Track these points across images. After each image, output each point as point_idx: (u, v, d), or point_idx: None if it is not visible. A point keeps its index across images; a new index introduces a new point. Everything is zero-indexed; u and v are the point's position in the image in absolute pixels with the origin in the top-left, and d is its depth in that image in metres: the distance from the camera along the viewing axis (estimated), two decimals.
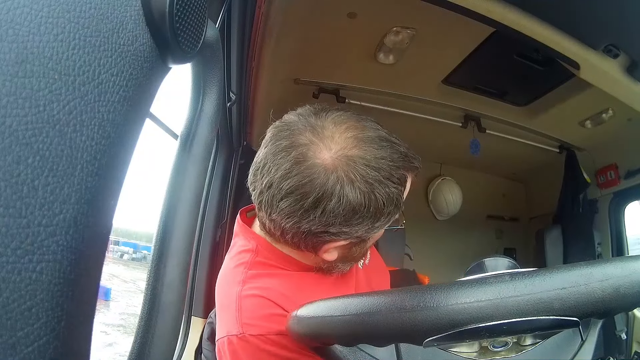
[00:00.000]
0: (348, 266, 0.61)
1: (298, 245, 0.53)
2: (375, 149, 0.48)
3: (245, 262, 0.58)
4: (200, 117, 0.37)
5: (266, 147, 0.50)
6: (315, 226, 0.48)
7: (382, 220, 0.51)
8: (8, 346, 0.16)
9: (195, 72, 0.38)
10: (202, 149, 0.36)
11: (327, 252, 0.54)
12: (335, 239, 0.51)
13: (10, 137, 0.17)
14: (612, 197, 1.63)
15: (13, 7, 0.17)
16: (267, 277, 0.57)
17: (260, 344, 0.52)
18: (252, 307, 0.54)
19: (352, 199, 0.46)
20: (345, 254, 0.57)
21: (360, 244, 0.56)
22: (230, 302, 0.55)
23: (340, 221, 0.48)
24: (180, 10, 0.26)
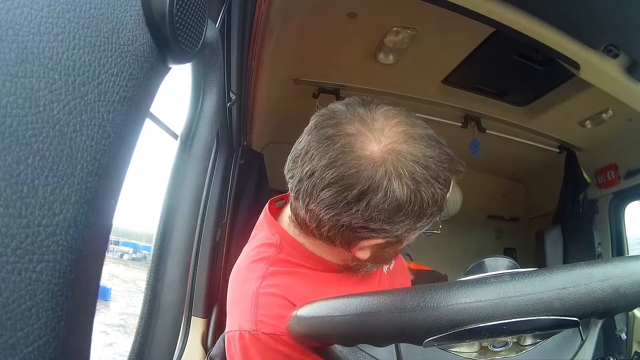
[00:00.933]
0: (376, 267, 0.59)
1: (333, 239, 0.51)
2: (424, 147, 0.46)
3: (267, 257, 0.56)
4: (200, 117, 0.37)
5: (309, 135, 0.48)
6: (356, 220, 0.46)
7: (424, 221, 0.49)
8: (8, 346, 0.16)
9: (195, 72, 0.38)
10: (202, 149, 0.36)
11: (362, 249, 0.52)
12: (375, 236, 0.48)
13: (10, 137, 0.17)
14: (612, 197, 1.63)
15: (13, 7, 0.17)
16: (289, 276, 0.55)
17: (272, 343, 0.51)
18: (269, 306, 0.52)
19: (398, 194, 0.44)
20: (377, 254, 0.54)
21: (396, 245, 0.54)
22: (246, 297, 0.54)
23: (383, 217, 0.46)
24: (180, 10, 0.26)
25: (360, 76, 1.31)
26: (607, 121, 1.41)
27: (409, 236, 0.52)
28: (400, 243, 0.54)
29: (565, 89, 1.27)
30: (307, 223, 0.52)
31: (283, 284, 0.54)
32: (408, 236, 0.52)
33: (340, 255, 0.56)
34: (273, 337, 0.51)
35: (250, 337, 0.52)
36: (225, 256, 1.25)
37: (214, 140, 0.47)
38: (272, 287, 0.54)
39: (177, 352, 1.02)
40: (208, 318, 1.14)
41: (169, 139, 0.78)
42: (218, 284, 1.22)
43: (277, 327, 0.51)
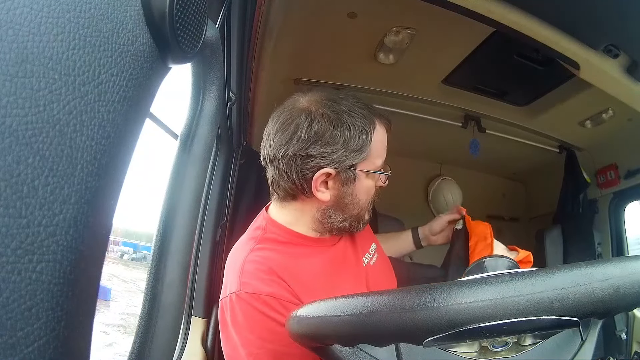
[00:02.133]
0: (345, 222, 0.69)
1: (293, 178, 0.64)
2: (334, 95, 0.66)
3: (255, 237, 0.69)
4: (200, 117, 0.37)
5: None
6: (299, 148, 0.62)
7: (353, 145, 0.63)
8: (8, 346, 0.16)
9: (195, 72, 0.38)
10: (202, 149, 0.36)
11: (319, 189, 0.64)
12: (320, 163, 0.62)
13: (10, 137, 0.17)
14: (612, 197, 1.63)
15: (13, 7, 0.17)
16: (273, 251, 0.66)
17: (253, 302, 0.59)
18: (252, 270, 0.62)
19: (321, 122, 0.62)
20: (338, 197, 0.66)
21: (349, 184, 0.66)
22: (236, 267, 0.64)
23: (315, 140, 0.61)
24: (180, 10, 0.26)
25: (360, 76, 1.31)
26: (607, 121, 1.40)
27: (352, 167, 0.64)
28: (351, 182, 0.65)
29: (565, 89, 1.27)
30: (277, 182, 0.67)
31: (267, 255, 0.64)
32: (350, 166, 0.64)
33: (310, 212, 0.69)
34: (253, 296, 0.59)
35: (236, 297, 0.60)
36: (225, 256, 1.24)
37: (214, 140, 0.47)
38: (257, 257, 0.64)
39: (177, 352, 1.02)
40: (208, 318, 1.14)
41: (169, 139, 0.78)
42: (218, 284, 1.21)
43: (256, 287, 0.60)
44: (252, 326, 0.60)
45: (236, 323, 0.61)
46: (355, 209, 0.69)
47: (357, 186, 0.66)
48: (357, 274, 0.74)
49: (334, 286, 0.68)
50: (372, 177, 0.68)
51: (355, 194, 0.67)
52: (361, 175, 0.66)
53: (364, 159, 0.65)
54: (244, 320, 0.60)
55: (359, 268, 0.75)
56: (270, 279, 0.61)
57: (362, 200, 0.69)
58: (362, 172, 0.66)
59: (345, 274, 0.72)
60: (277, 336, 0.59)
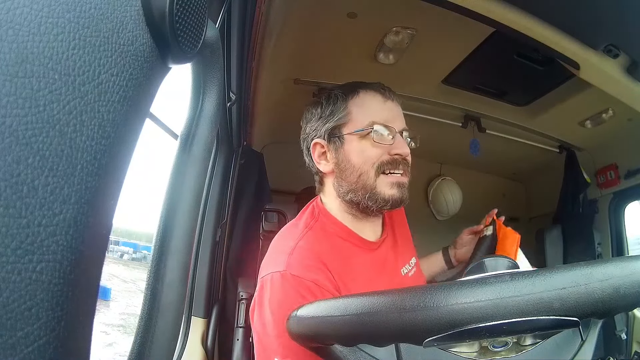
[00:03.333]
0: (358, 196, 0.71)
1: (307, 163, 0.78)
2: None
3: (308, 223, 0.73)
4: (200, 117, 0.37)
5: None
6: (302, 133, 0.78)
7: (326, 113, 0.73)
8: (8, 346, 0.16)
9: (195, 72, 0.38)
10: (202, 149, 0.36)
11: (320, 161, 0.74)
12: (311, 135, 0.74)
13: (10, 137, 0.17)
14: (612, 197, 1.63)
15: (13, 7, 0.17)
16: (322, 241, 0.70)
17: (296, 284, 0.62)
18: (301, 253, 0.66)
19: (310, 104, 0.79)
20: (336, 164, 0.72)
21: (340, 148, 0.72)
22: (286, 247, 0.67)
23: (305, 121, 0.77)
24: (180, 10, 0.26)
25: (360, 76, 1.30)
26: (607, 121, 1.40)
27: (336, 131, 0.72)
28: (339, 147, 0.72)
29: (565, 89, 1.27)
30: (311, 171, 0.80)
31: (317, 243, 0.69)
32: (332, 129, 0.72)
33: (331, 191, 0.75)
34: (297, 279, 0.62)
35: (280, 276, 0.63)
36: (225, 256, 1.25)
37: (214, 140, 0.47)
38: (308, 243, 0.68)
39: (177, 352, 1.02)
40: (208, 318, 1.14)
41: (169, 139, 0.78)
42: (218, 284, 1.21)
43: (302, 271, 0.63)
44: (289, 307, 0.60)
45: (274, 301, 0.63)
46: (354, 175, 0.71)
47: (347, 149, 0.71)
48: (394, 281, 0.75)
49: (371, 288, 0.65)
50: (366, 139, 0.71)
51: (349, 158, 0.71)
52: (348, 138, 0.71)
53: (342, 121, 0.71)
54: (282, 299, 0.62)
55: (397, 276, 0.77)
56: (316, 266, 0.65)
57: (356, 163, 0.71)
58: (348, 135, 0.71)
59: (384, 278, 0.74)
60: None
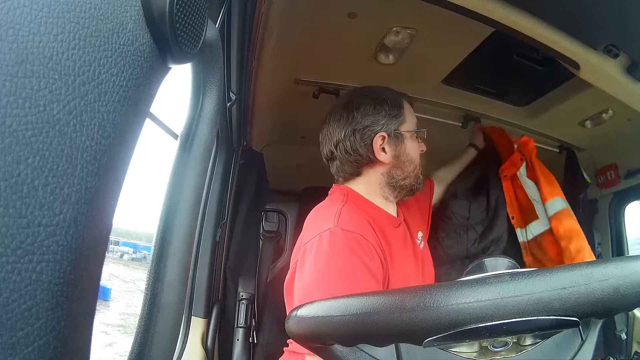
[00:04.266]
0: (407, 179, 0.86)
1: (358, 151, 0.84)
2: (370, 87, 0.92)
3: (340, 200, 0.82)
4: (200, 117, 0.37)
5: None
6: (356, 124, 0.83)
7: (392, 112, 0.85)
8: (8, 346, 0.16)
9: (195, 72, 0.38)
10: (202, 149, 0.36)
11: (378, 152, 0.83)
12: (374, 128, 0.83)
13: (10, 137, 0.17)
14: (612, 197, 1.63)
15: (13, 7, 0.17)
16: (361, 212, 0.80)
17: (345, 237, 0.70)
18: (349, 214, 0.76)
19: (366, 102, 0.85)
20: (395, 156, 0.84)
21: (400, 144, 0.85)
22: (331, 212, 0.77)
23: (365, 114, 0.83)
24: (180, 10, 0.26)
25: (360, 76, 1.31)
26: (607, 121, 1.40)
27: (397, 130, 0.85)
28: (400, 142, 0.85)
29: (565, 89, 1.27)
30: (344, 162, 0.86)
31: (358, 212, 0.79)
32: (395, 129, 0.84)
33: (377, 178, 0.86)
34: (347, 233, 0.71)
35: (329, 232, 0.71)
36: (225, 256, 1.25)
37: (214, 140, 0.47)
38: (350, 210, 0.77)
39: (177, 352, 1.02)
40: (208, 318, 1.14)
41: (169, 139, 0.78)
42: (218, 284, 1.21)
43: (352, 226, 0.72)
44: (336, 261, 0.69)
45: (320, 254, 0.69)
46: (411, 166, 0.86)
47: (407, 145, 0.85)
48: (416, 254, 0.89)
49: (403, 259, 0.82)
50: (413, 139, 0.87)
51: (408, 152, 0.85)
52: (406, 135, 0.86)
53: (402, 122, 0.85)
54: (329, 253, 0.69)
55: (417, 249, 0.90)
56: (364, 225, 0.75)
57: (413, 157, 0.87)
58: (406, 133, 0.85)
59: (409, 252, 0.87)
60: (355, 275, 0.68)
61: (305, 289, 0.69)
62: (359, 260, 0.68)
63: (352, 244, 0.69)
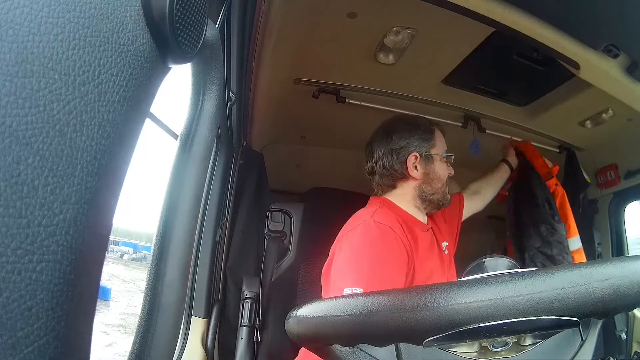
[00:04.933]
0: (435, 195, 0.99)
1: (394, 167, 0.98)
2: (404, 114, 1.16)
3: (374, 208, 0.95)
4: (200, 117, 0.37)
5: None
6: (393, 145, 0.98)
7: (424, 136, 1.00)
8: (8, 346, 0.16)
9: (195, 72, 0.38)
10: (202, 149, 0.36)
11: (411, 168, 0.97)
12: (408, 149, 0.98)
13: (10, 137, 0.17)
14: (612, 197, 1.63)
15: (13, 7, 0.17)
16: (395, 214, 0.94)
17: (376, 227, 0.85)
18: (383, 213, 0.91)
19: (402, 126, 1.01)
20: (425, 174, 0.98)
21: (430, 164, 0.99)
22: (367, 213, 0.92)
23: (401, 136, 0.99)
24: (180, 10, 0.26)
25: (360, 76, 1.31)
26: (607, 121, 1.40)
27: (428, 150, 0.99)
28: (430, 162, 0.99)
29: (565, 89, 1.27)
30: (381, 179, 1.01)
31: (391, 214, 0.93)
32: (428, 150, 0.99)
33: (410, 190, 1.00)
34: (379, 225, 0.85)
35: (363, 224, 0.87)
36: (225, 256, 1.25)
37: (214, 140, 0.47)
38: (384, 212, 0.93)
39: (177, 352, 1.02)
40: (208, 318, 1.14)
41: (169, 139, 0.78)
42: (218, 284, 1.21)
43: (385, 220, 0.87)
44: (368, 245, 0.82)
45: (354, 241, 0.84)
46: (439, 183, 0.99)
47: (436, 166, 0.99)
48: (442, 258, 1.01)
49: (429, 257, 0.94)
50: (442, 162, 1.00)
51: (436, 171, 0.99)
52: (435, 157, 0.99)
53: (433, 145, 0.99)
54: (362, 238, 0.83)
55: (443, 255, 1.02)
56: (395, 222, 0.88)
57: (441, 176, 1.00)
58: (435, 155, 0.99)
59: (435, 253, 0.99)
60: (381, 260, 0.80)
61: (339, 269, 0.83)
62: (387, 247, 0.82)
63: (383, 233, 0.83)
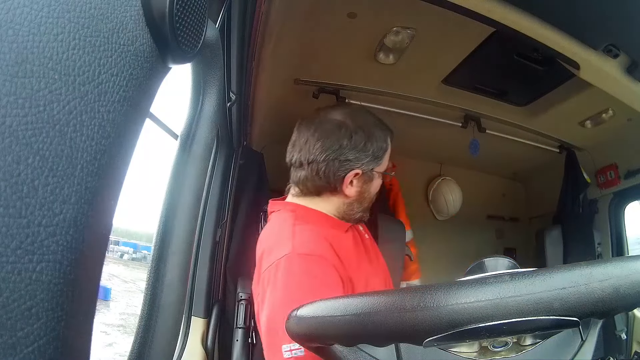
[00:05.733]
0: (360, 213, 0.86)
1: (329, 177, 0.79)
2: (366, 113, 0.84)
3: (289, 217, 0.80)
4: (200, 117, 0.37)
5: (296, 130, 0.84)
6: (339, 154, 0.78)
7: (378, 153, 0.81)
8: (8, 346, 0.16)
9: (195, 72, 0.38)
10: (202, 149, 0.36)
11: (347, 185, 0.80)
12: (352, 166, 0.79)
13: (10, 137, 0.17)
14: (612, 197, 1.63)
15: (13, 7, 0.17)
16: (314, 225, 0.78)
17: (304, 262, 0.69)
18: (303, 235, 0.74)
19: (359, 134, 0.78)
20: (360, 192, 0.82)
21: (368, 182, 0.83)
22: (284, 234, 0.75)
23: (353, 147, 0.78)
24: (180, 10, 0.26)
25: (360, 76, 1.31)
26: (607, 121, 1.40)
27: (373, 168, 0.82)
28: (369, 180, 0.83)
29: (565, 89, 1.27)
30: (309, 179, 0.81)
31: (312, 227, 0.77)
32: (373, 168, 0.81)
33: (335, 204, 0.84)
34: (305, 257, 0.69)
35: (286, 258, 0.69)
36: (225, 256, 1.25)
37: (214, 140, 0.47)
38: (304, 227, 0.76)
39: (177, 352, 1.02)
40: (208, 318, 1.14)
41: (169, 139, 0.77)
42: (218, 284, 1.21)
43: (309, 249, 0.71)
44: (299, 285, 0.68)
45: (284, 283, 0.68)
46: (368, 202, 0.87)
47: (373, 184, 0.85)
48: (368, 250, 0.90)
49: (359, 262, 0.82)
50: (380, 178, 0.86)
51: (371, 190, 0.85)
52: (376, 175, 0.84)
53: (380, 164, 0.83)
54: (291, 279, 0.68)
55: (366, 242, 0.92)
56: (322, 243, 0.74)
57: (372, 194, 0.87)
58: (377, 173, 0.84)
59: (362, 252, 0.88)
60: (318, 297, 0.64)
61: (269, 319, 0.67)
62: (318, 283, 0.67)
63: (313, 267, 0.68)
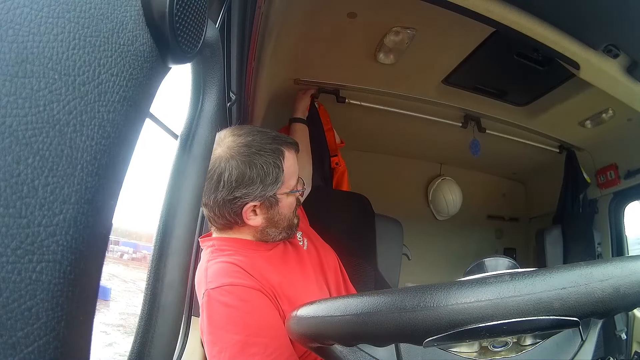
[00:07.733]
0: (282, 234, 0.80)
1: (228, 217, 0.74)
2: (246, 136, 0.73)
3: (207, 253, 0.77)
4: (200, 117, 0.37)
5: None
6: (225, 194, 0.71)
7: (269, 180, 0.72)
8: (8, 346, 0.16)
9: (195, 72, 0.38)
10: (202, 149, 0.36)
11: (249, 218, 0.74)
12: (246, 200, 0.72)
13: (10, 137, 0.17)
14: (612, 197, 1.63)
15: (13, 7, 0.17)
16: (228, 256, 0.74)
17: (216, 296, 0.67)
18: (214, 269, 0.71)
19: (236, 168, 0.70)
20: (267, 217, 0.76)
21: (274, 207, 0.76)
22: (200, 274, 0.73)
23: (237, 185, 0.70)
24: (180, 10, 0.26)
25: (360, 76, 1.31)
26: (607, 121, 1.40)
27: (272, 195, 0.74)
28: (274, 205, 0.76)
29: (565, 89, 1.27)
30: (212, 220, 0.77)
31: (225, 259, 0.73)
32: (272, 194, 0.74)
33: (249, 233, 0.79)
34: (216, 290, 0.67)
35: (203, 298, 0.68)
36: None
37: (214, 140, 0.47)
38: (217, 262, 0.72)
39: (177, 352, 1.02)
40: None
41: (169, 139, 0.78)
42: None
43: (218, 281, 0.68)
44: (217, 321, 0.67)
45: (208, 322, 0.67)
46: (285, 222, 0.80)
47: (281, 206, 0.77)
48: (302, 259, 0.85)
49: (290, 275, 0.78)
50: (290, 196, 0.79)
51: (281, 212, 0.78)
52: (281, 197, 0.76)
53: (280, 186, 0.74)
54: (211, 316, 0.67)
55: (302, 252, 0.87)
56: (232, 270, 0.70)
57: (287, 214, 0.80)
58: (281, 195, 0.76)
59: (294, 263, 0.83)
60: (239, 326, 0.66)
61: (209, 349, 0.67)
62: (236, 311, 0.66)
63: (225, 298, 0.66)
